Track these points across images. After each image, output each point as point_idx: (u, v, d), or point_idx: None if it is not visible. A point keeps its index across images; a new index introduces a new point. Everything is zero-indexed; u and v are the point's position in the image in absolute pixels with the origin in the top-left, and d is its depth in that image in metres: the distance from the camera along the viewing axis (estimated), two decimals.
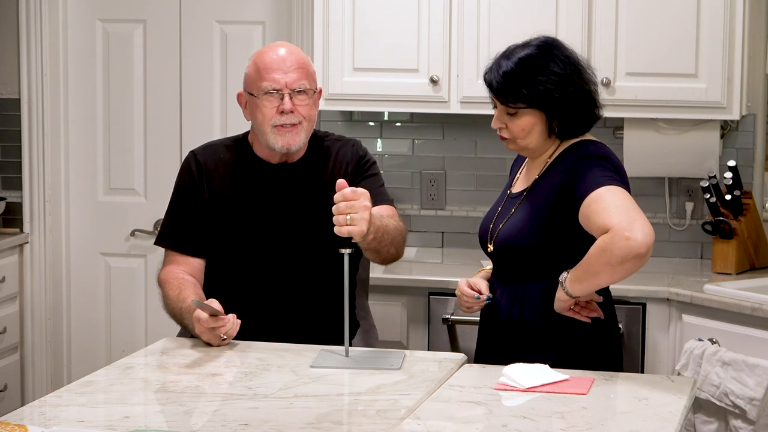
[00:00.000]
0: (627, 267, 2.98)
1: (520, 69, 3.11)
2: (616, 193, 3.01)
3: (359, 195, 2.98)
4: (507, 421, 2.63)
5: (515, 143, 3.19)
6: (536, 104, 3.11)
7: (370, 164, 3.50)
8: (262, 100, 3.34)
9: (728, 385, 3.72)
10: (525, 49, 3.15)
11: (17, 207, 5.02)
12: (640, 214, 2.98)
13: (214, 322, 3.13)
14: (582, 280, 3.04)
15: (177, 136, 4.97)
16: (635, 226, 2.94)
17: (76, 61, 5.01)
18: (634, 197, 3.21)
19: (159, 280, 3.43)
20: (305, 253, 3.40)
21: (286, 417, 2.59)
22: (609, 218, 2.97)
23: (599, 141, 3.23)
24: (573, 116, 3.15)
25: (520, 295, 3.18)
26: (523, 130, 3.15)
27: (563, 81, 3.11)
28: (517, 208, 3.21)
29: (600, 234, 2.98)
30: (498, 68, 3.15)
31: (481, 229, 3.32)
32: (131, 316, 5.05)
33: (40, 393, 4.92)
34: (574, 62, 3.16)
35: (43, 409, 2.65)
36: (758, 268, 4.35)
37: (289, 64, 3.35)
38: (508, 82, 3.12)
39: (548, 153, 3.21)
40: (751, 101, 4.48)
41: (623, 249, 2.94)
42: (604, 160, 3.11)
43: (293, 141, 3.35)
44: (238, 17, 4.89)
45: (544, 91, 3.10)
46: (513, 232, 3.18)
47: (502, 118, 3.17)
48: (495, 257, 3.26)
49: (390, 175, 4.74)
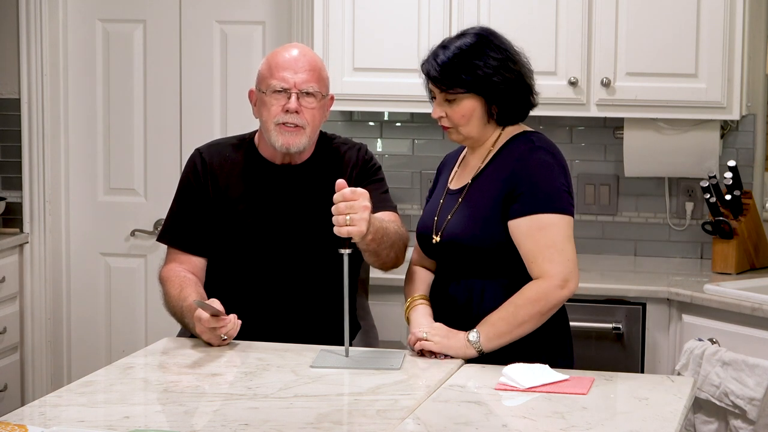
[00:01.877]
0: (552, 314, 3.09)
1: (458, 56, 3.15)
2: (561, 229, 3.08)
3: (359, 195, 2.98)
4: (507, 421, 2.63)
5: (457, 132, 3.20)
6: (474, 89, 3.14)
7: (375, 169, 3.50)
8: (270, 98, 3.35)
9: (728, 385, 3.72)
10: (462, 38, 3.19)
11: (17, 207, 5.02)
12: (574, 255, 3.09)
13: (215, 323, 3.13)
14: (505, 333, 3.06)
15: (177, 136, 4.97)
16: (572, 276, 3.07)
17: (76, 61, 5.01)
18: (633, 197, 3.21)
19: (160, 278, 3.43)
20: (307, 254, 3.40)
21: (286, 417, 2.59)
22: (551, 265, 3.05)
23: (540, 132, 3.25)
24: (511, 101, 3.17)
25: (478, 291, 3.17)
26: (463, 116, 3.16)
27: (500, 66, 3.14)
28: (462, 201, 3.20)
29: (531, 267, 3.06)
30: (435, 57, 3.19)
31: (421, 225, 3.30)
32: (131, 316, 5.05)
33: (40, 393, 4.92)
34: (509, 49, 3.19)
35: (43, 409, 2.65)
36: (758, 268, 4.35)
37: (301, 64, 3.35)
38: (446, 69, 3.15)
39: (490, 142, 3.22)
40: (751, 101, 4.48)
41: (557, 298, 3.07)
42: (550, 155, 3.14)
43: (293, 142, 3.35)
44: (238, 17, 4.89)
45: (482, 76, 3.13)
46: (460, 228, 3.17)
47: (442, 106, 3.20)
48: (441, 250, 3.23)
49: (390, 175, 4.72)
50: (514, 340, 3.07)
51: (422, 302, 3.26)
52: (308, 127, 3.36)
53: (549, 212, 3.08)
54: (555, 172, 3.13)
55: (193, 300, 3.19)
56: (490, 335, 3.05)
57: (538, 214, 3.08)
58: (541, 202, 3.08)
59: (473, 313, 3.14)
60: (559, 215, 3.09)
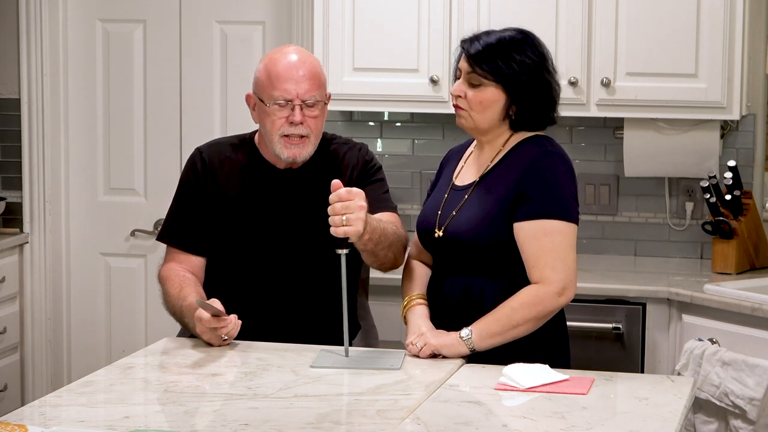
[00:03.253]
0: (547, 319, 3.10)
1: (500, 44, 3.15)
2: (565, 237, 3.08)
3: (354, 195, 2.98)
4: (507, 421, 2.63)
5: (469, 117, 3.18)
6: (504, 80, 3.13)
7: (375, 169, 3.49)
8: (273, 109, 3.32)
9: (728, 385, 3.72)
10: (507, 31, 3.20)
11: (17, 207, 5.02)
12: (575, 263, 3.10)
13: (216, 323, 3.13)
14: (498, 334, 3.06)
15: (177, 136, 4.97)
16: (570, 284, 3.08)
17: (76, 61, 5.01)
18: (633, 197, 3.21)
19: (159, 277, 3.43)
20: (307, 255, 3.40)
21: (286, 417, 2.59)
22: (551, 272, 3.06)
23: (552, 138, 3.24)
24: (532, 107, 3.16)
25: (477, 289, 3.16)
26: (481, 103, 3.15)
27: (535, 68, 3.14)
28: (470, 198, 3.19)
29: (531, 272, 3.06)
30: (477, 38, 3.18)
31: (423, 219, 3.28)
32: (131, 316, 5.05)
33: (40, 393, 4.91)
34: (549, 58, 3.19)
35: (43, 409, 2.65)
36: (758, 268, 4.35)
37: (302, 73, 3.32)
38: (485, 52, 3.14)
39: (501, 141, 3.21)
40: (751, 101, 4.48)
41: (555, 305, 3.08)
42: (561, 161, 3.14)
43: (300, 153, 3.35)
44: (238, 17, 4.89)
45: (515, 70, 3.12)
46: (468, 225, 3.15)
47: (464, 87, 3.18)
48: (443, 245, 3.22)
49: (390, 175, 4.70)
50: (506, 342, 3.07)
51: (419, 302, 3.25)
52: (312, 136, 3.35)
53: (556, 219, 3.07)
54: (566, 178, 3.13)
55: (193, 300, 3.19)
56: (483, 334, 3.05)
57: (545, 219, 3.07)
58: (549, 207, 3.08)
59: (471, 311, 3.13)
60: (566, 222, 3.08)
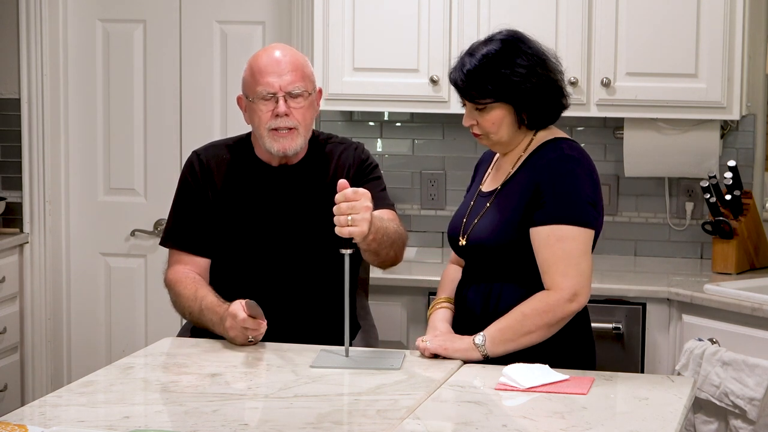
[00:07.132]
0: (560, 326, 3.08)
1: (484, 65, 3.12)
2: (579, 243, 3.06)
3: (360, 195, 2.98)
4: (507, 421, 2.63)
5: (488, 138, 3.19)
6: (503, 98, 3.12)
7: (372, 167, 3.50)
8: (258, 104, 3.34)
9: (728, 385, 3.72)
10: (488, 45, 3.15)
11: (17, 207, 5.02)
12: (589, 269, 3.07)
13: (252, 323, 3.13)
14: (510, 340, 3.05)
15: (177, 136, 4.97)
16: (583, 290, 3.06)
17: (76, 61, 5.01)
18: (633, 197, 3.20)
19: (167, 281, 3.42)
20: (306, 255, 3.40)
21: (286, 417, 2.59)
22: (563, 278, 3.04)
23: (571, 139, 3.23)
24: (541, 106, 3.15)
25: (495, 294, 3.16)
26: (493, 124, 3.15)
27: (528, 73, 3.11)
28: (491, 205, 3.20)
29: (544, 277, 3.05)
30: (462, 66, 3.15)
31: (451, 225, 3.30)
32: (131, 316, 5.05)
33: (40, 393, 4.91)
34: (538, 53, 3.16)
35: (43, 409, 2.65)
36: (758, 268, 4.35)
37: (283, 66, 3.34)
38: (472, 79, 3.12)
39: (521, 147, 3.20)
40: (751, 101, 4.48)
41: (566, 312, 3.06)
42: (578, 164, 3.12)
43: (289, 146, 3.35)
44: (238, 17, 4.89)
45: (509, 84, 3.10)
46: (487, 232, 3.16)
47: (473, 114, 3.17)
48: (467, 252, 3.24)
49: (390, 175, 4.74)
50: (520, 349, 3.05)
51: (444, 305, 3.27)
52: (301, 127, 3.36)
53: (569, 224, 3.06)
54: (581, 182, 3.11)
55: (212, 300, 3.23)
56: (496, 340, 3.05)
57: (559, 224, 3.06)
58: (562, 212, 3.07)
59: (490, 317, 3.13)
60: (579, 228, 3.07)
